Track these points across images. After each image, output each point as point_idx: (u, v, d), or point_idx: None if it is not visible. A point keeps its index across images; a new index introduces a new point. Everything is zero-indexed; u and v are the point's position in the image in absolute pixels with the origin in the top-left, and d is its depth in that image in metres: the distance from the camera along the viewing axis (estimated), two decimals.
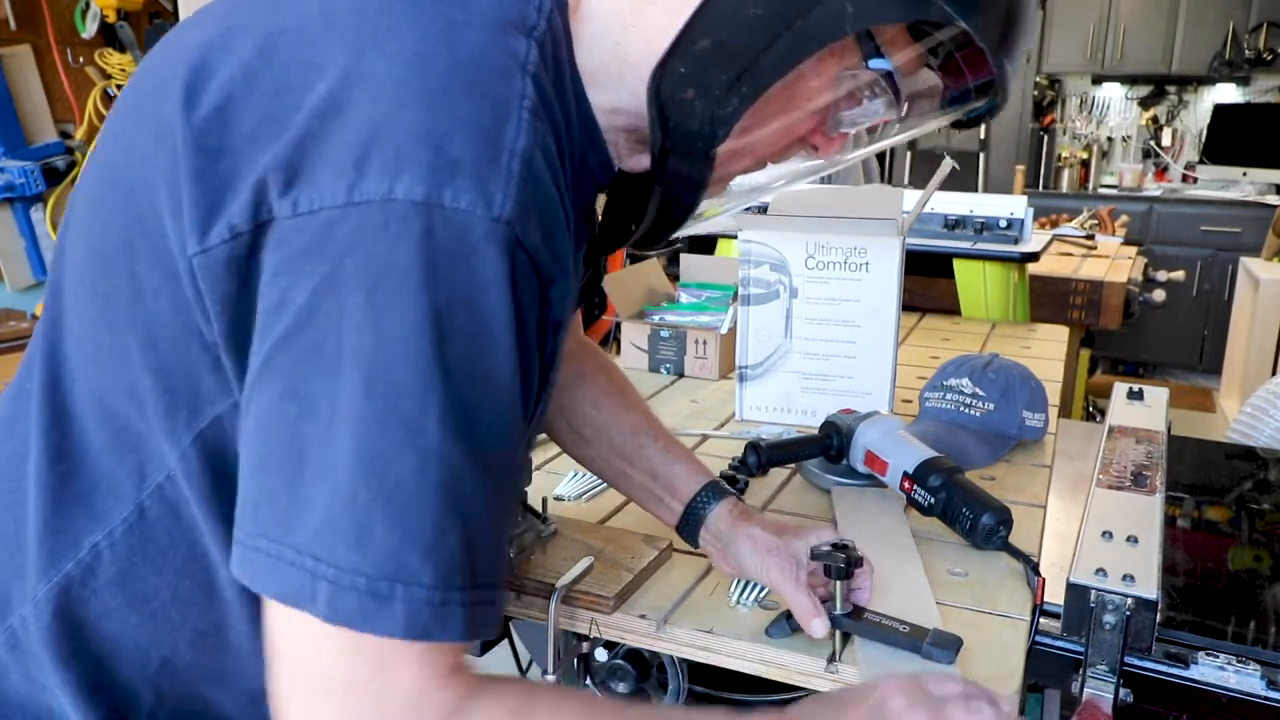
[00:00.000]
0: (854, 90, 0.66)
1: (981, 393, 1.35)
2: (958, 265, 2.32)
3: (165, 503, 0.61)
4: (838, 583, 0.85)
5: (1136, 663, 0.91)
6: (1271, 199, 5.46)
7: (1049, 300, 2.88)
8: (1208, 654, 0.91)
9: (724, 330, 1.73)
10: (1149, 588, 0.88)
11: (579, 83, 0.63)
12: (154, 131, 0.56)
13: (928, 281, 2.35)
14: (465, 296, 0.51)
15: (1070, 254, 3.37)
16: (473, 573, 0.52)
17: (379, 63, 0.52)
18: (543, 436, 1.38)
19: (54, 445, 0.62)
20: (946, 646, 0.82)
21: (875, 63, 0.64)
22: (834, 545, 0.86)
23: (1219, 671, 0.90)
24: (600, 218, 0.75)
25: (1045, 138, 6.06)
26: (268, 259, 0.52)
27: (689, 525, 0.95)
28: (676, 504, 0.96)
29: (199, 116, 0.54)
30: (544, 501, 1.05)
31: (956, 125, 0.73)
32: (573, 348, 1.00)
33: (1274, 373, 3.74)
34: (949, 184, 1.54)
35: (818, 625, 0.83)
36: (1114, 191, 6.00)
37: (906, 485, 1.10)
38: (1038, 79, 5.93)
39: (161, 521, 0.61)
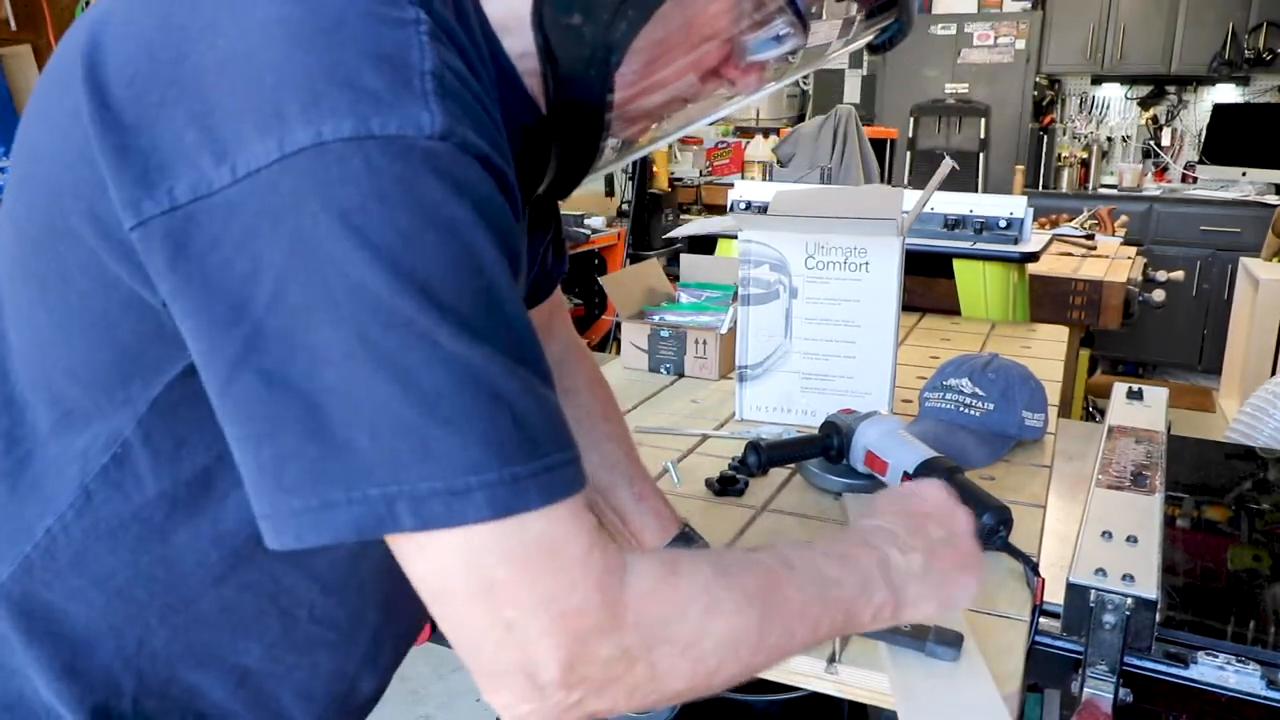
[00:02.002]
0: (754, 13, 0.66)
1: (981, 393, 1.35)
2: (957, 265, 2.32)
3: (111, 484, 0.61)
4: None
5: (1136, 662, 0.91)
6: (1271, 199, 5.46)
7: (1049, 300, 2.88)
8: (1207, 654, 0.91)
9: (724, 330, 1.73)
10: (1149, 587, 0.88)
11: (488, 27, 0.63)
12: (66, 114, 0.55)
13: (927, 281, 2.35)
14: (428, 214, 0.51)
15: (1070, 254, 3.37)
16: (533, 446, 0.53)
17: (270, 11, 0.51)
18: None
19: (6, 433, 0.63)
20: (949, 643, 0.82)
21: None
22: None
23: (1219, 671, 0.90)
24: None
25: (1045, 138, 6.06)
26: (218, 227, 0.51)
27: None
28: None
29: (107, 96, 0.53)
30: None
31: (871, 50, 0.74)
32: (562, 358, 1.01)
33: (1274, 373, 3.74)
34: (949, 184, 1.54)
35: None
36: (1114, 191, 6.00)
37: None
38: (1038, 79, 5.93)
39: (109, 503, 0.61)
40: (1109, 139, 6.28)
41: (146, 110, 0.52)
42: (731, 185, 2.74)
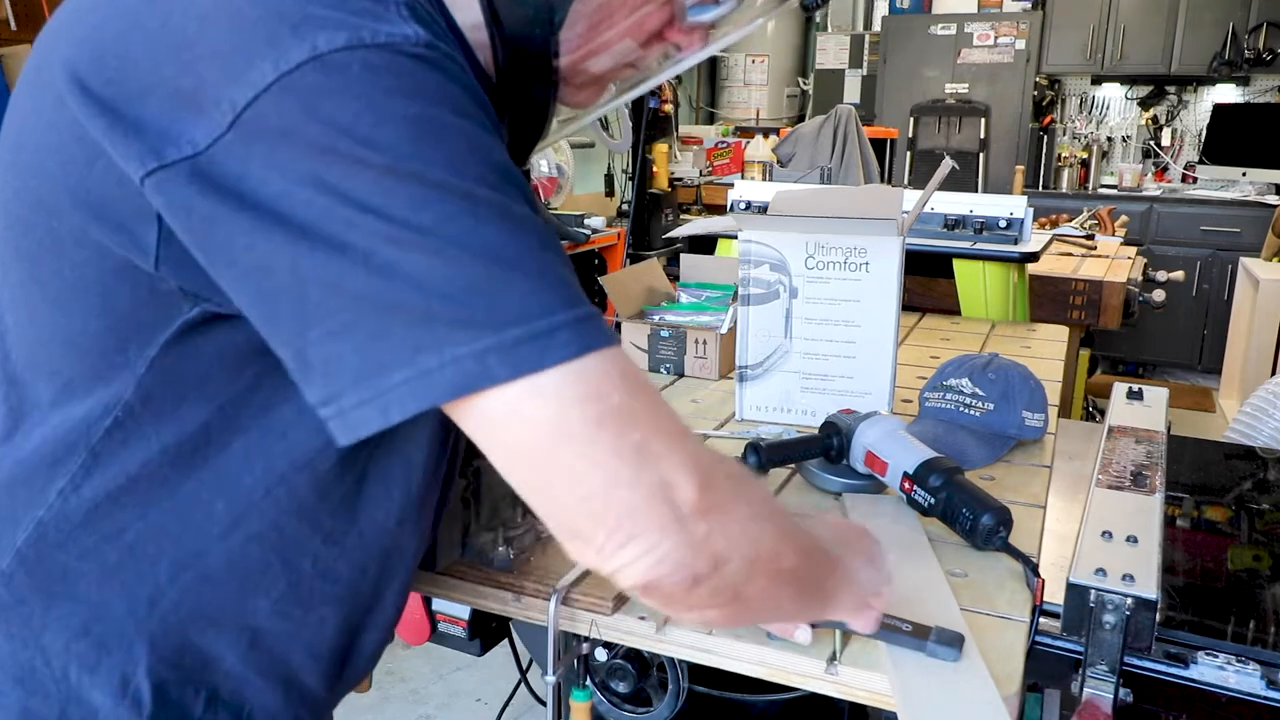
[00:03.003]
0: None
1: (981, 393, 1.35)
2: (957, 265, 2.32)
3: (116, 444, 0.63)
4: None
5: (1136, 662, 0.91)
6: (1271, 199, 5.46)
7: (1049, 300, 2.88)
8: (1207, 654, 0.91)
9: (724, 330, 1.73)
10: (1149, 587, 0.88)
11: (440, 3, 0.64)
12: (49, 99, 0.57)
13: (927, 281, 2.35)
14: (434, 100, 0.54)
15: (1070, 254, 3.37)
16: (580, 293, 0.57)
17: None
18: None
19: (13, 409, 0.65)
20: (950, 644, 0.82)
21: None
22: None
23: (1219, 671, 0.90)
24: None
25: (1045, 138, 6.06)
26: (237, 164, 0.52)
27: None
28: None
29: (95, 72, 0.55)
30: None
31: (804, 8, 0.76)
32: None
33: (1274, 373, 3.74)
34: (949, 184, 1.54)
35: (801, 634, 0.84)
36: (1114, 191, 6.00)
37: (906, 486, 1.10)
38: (1038, 79, 5.93)
39: (116, 462, 0.63)
40: (1109, 139, 6.28)
41: (140, 75, 0.54)
42: (731, 185, 2.74)
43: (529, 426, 0.54)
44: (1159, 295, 3.07)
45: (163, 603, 0.66)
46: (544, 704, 0.94)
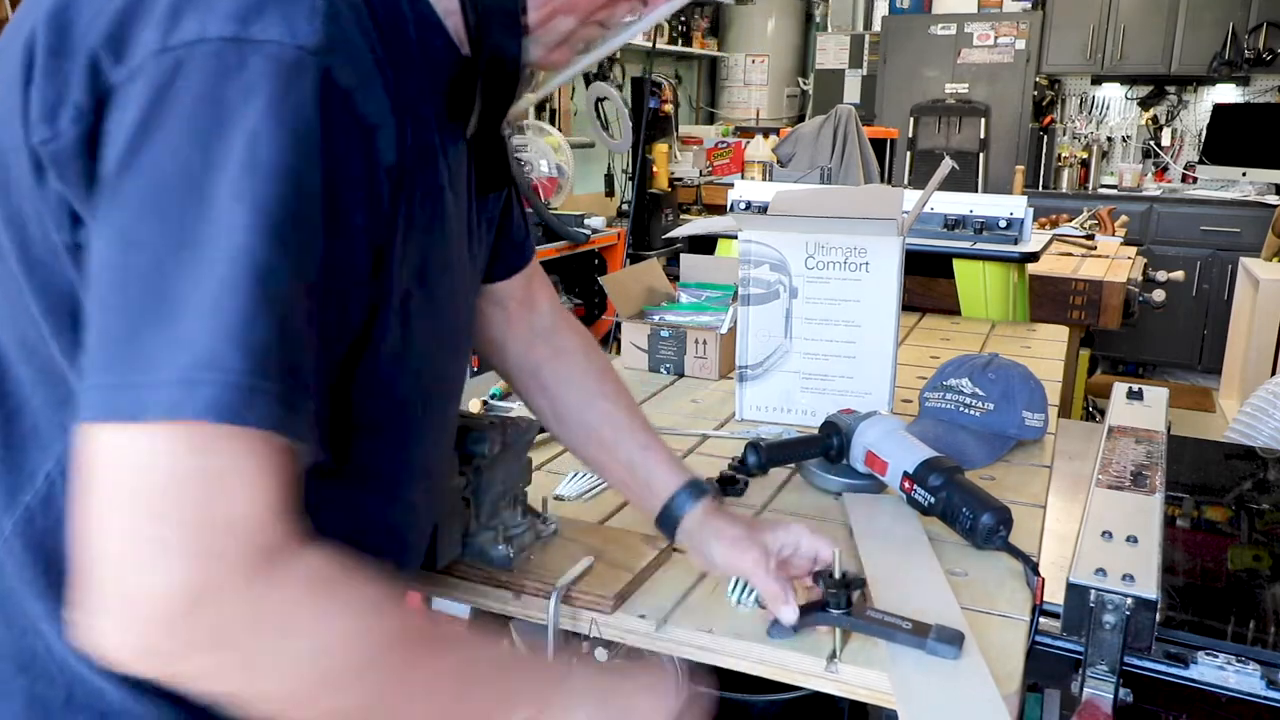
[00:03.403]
0: None
1: (981, 393, 1.35)
2: (957, 265, 2.32)
3: None
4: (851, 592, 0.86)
5: (1136, 662, 0.91)
6: (1271, 199, 5.46)
7: (1049, 300, 2.88)
8: (1207, 654, 0.91)
9: (724, 330, 1.73)
10: (1149, 587, 0.88)
11: None
12: (10, 77, 0.60)
13: (927, 281, 2.35)
14: (276, 117, 0.55)
15: (1070, 254, 3.37)
16: (286, 369, 0.55)
17: None
18: (542, 437, 1.38)
19: (2, 390, 0.65)
20: (950, 642, 0.83)
21: None
22: (831, 575, 0.87)
23: (1219, 671, 0.90)
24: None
25: (1045, 138, 6.06)
26: (113, 120, 0.56)
27: (666, 524, 0.97)
28: (655, 501, 0.97)
29: (50, 30, 0.58)
30: (544, 501, 1.05)
31: None
32: (551, 323, 1.02)
33: (1274, 373, 3.74)
34: (949, 184, 1.54)
35: (787, 613, 0.85)
36: (1114, 191, 6.00)
37: (906, 485, 1.10)
38: (1038, 79, 5.93)
39: None
40: (1109, 139, 6.28)
41: (76, 34, 0.57)
42: (731, 185, 2.74)
43: (106, 469, 0.53)
44: (1159, 295, 3.07)
45: None
46: None
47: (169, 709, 0.65)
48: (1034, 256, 2.29)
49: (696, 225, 2.88)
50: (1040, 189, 6.01)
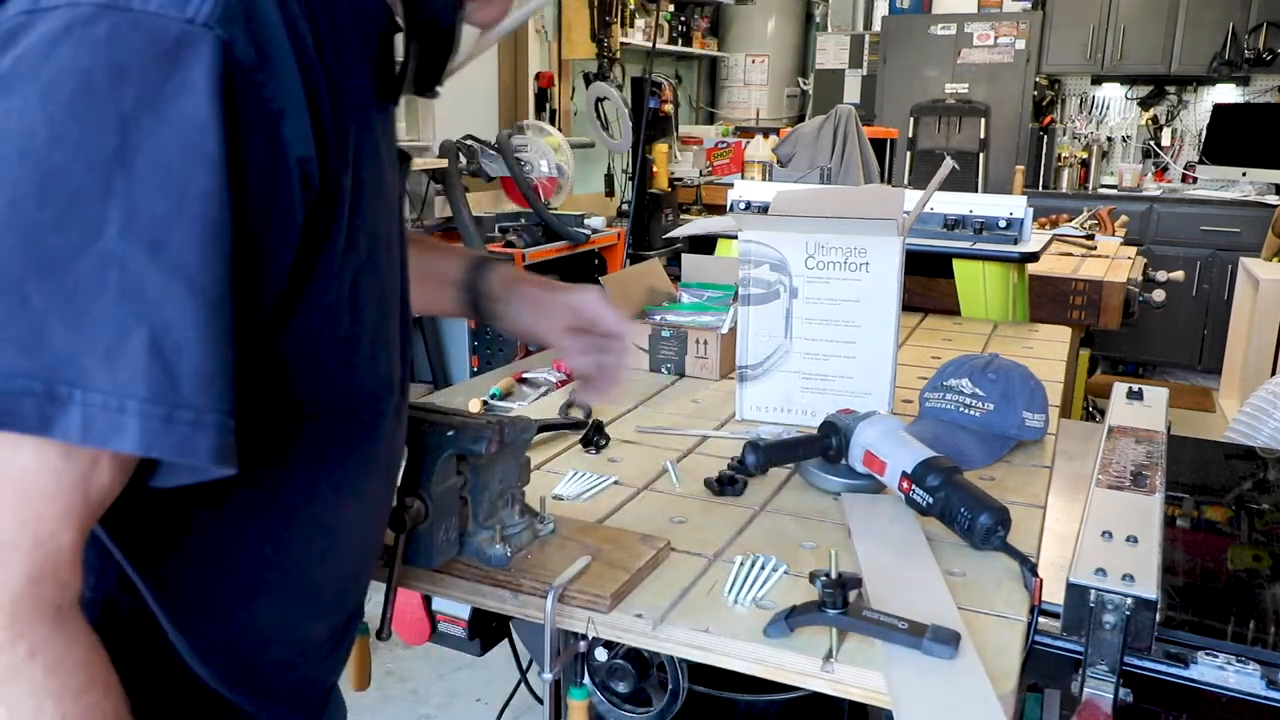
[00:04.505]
0: None
1: (981, 393, 1.35)
2: (957, 265, 2.31)
3: None
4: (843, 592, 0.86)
5: (1136, 662, 0.91)
6: (1271, 199, 5.46)
7: (1049, 300, 2.88)
8: (1207, 654, 0.90)
9: (724, 330, 1.73)
10: (1149, 587, 0.88)
11: None
12: None
13: (927, 281, 2.35)
14: (155, 101, 0.49)
15: (1070, 254, 3.37)
16: (168, 386, 0.50)
17: None
18: (541, 437, 1.38)
19: None
20: (946, 642, 0.82)
21: None
22: (827, 575, 0.87)
23: (1219, 671, 0.89)
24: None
25: (1045, 138, 6.06)
26: None
27: (473, 302, 0.99)
28: (455, 290, 0.99)
29: None
30: (542, 501, 1.05)
31: None
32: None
33: (1274, 373, 3.74)
34: (949, 184, 1.54)
35: (595, 395, 0.99)
36: (1114, 191, 6.00)
37: (905, 485, 1.10)
38: (1038, 79, 5.93)
39: None
40: (1109, 139, 6.27)
41: None
42: (731, 185, 2.74)
43: None
44: (1159, 295, 3.07)
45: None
46: (543, 703, 0.94)
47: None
48: (1034, 256, 2.29)
49: (696, 225, 2.88)
50: (1040, 189, 6.01)
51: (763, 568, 0.99)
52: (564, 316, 0.99)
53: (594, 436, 1.37)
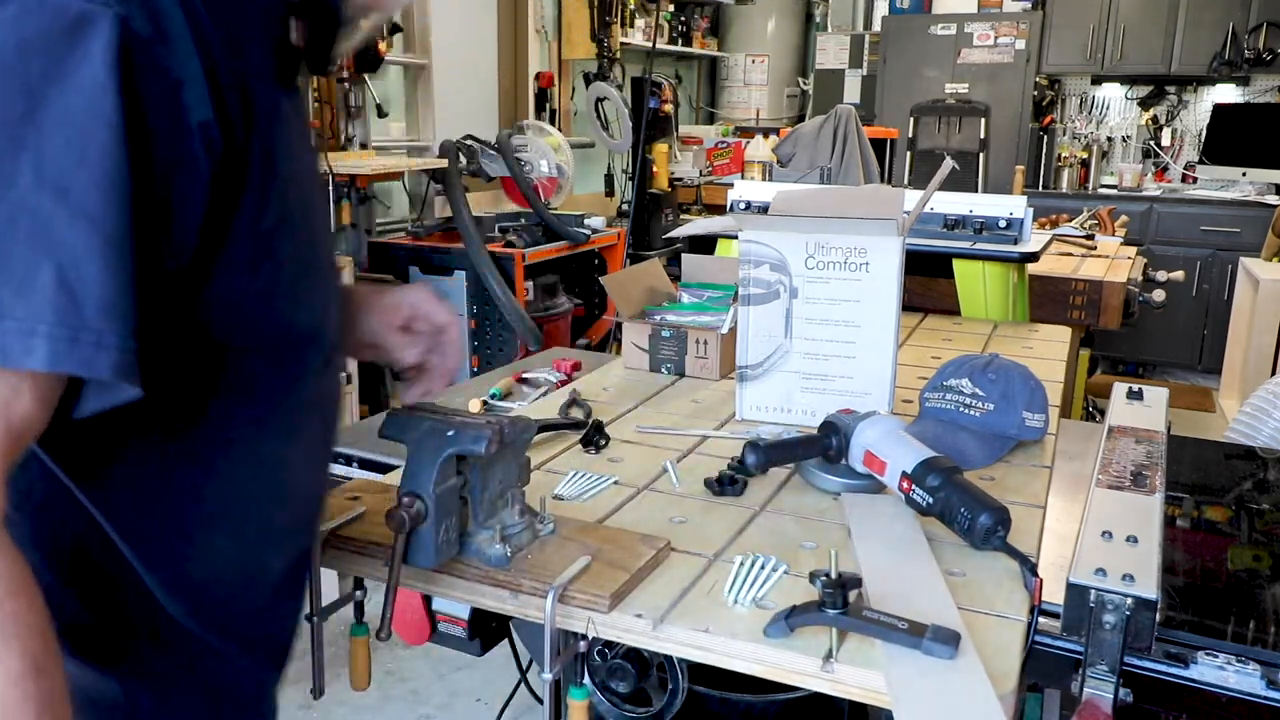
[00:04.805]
0: None
1: (981, 393, 1.35)
2: (957, 265, 2.31)
3: None
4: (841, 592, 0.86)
5: (1136, 662, 0.91)
6: (1271, 199, 5.46)
7: (1049, 300, 2.88)
8: (1207, 654, 0.90)
9: (725, 330, 1.73)
10: (1149, 587, 0.88)
11: None
12: None
13: (927, 281, 2.35)
14: (59, 71, 0.56)
15: (1070, 254, 3.37)
16: (73, 311, 0.57)
17: None
18: (541, 437, 1.38)
19: None
20: (946, 641, 0.82)
21: None
22: (827, 575, 0.87)
23: (1219, 671, 0.89)
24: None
25: (1045, 138, 6.05)
26: None
27: None
28: None
29: None
30: (542, 501, 1.05)
31: None
32: None
33: (1274, 373, 3.74)
34: (949, 184, 1.54)
35: (405, 354, 0.99)
36: (1114, 191, 6.00)
37: (905, 485, 1.10)
38: (1038, 79, 5.93)
39: None
40: (1109, 139, 6.27)
41: None
42: (731, 185, 2.74)
43: None
44: (1159, 295, 3.07)
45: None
46: (543, 703, 0.94)
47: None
48: (1034, 256, 2.29)
49: (696, 225, 2.88)
50: (1040, 189, 6.01)
51: (763, 568, 0.99)
52: (393, 315, 1.00)
53: (594, 436, 1.37)
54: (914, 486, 1.09)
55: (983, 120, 5.63)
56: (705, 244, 2.69)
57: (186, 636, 0.76)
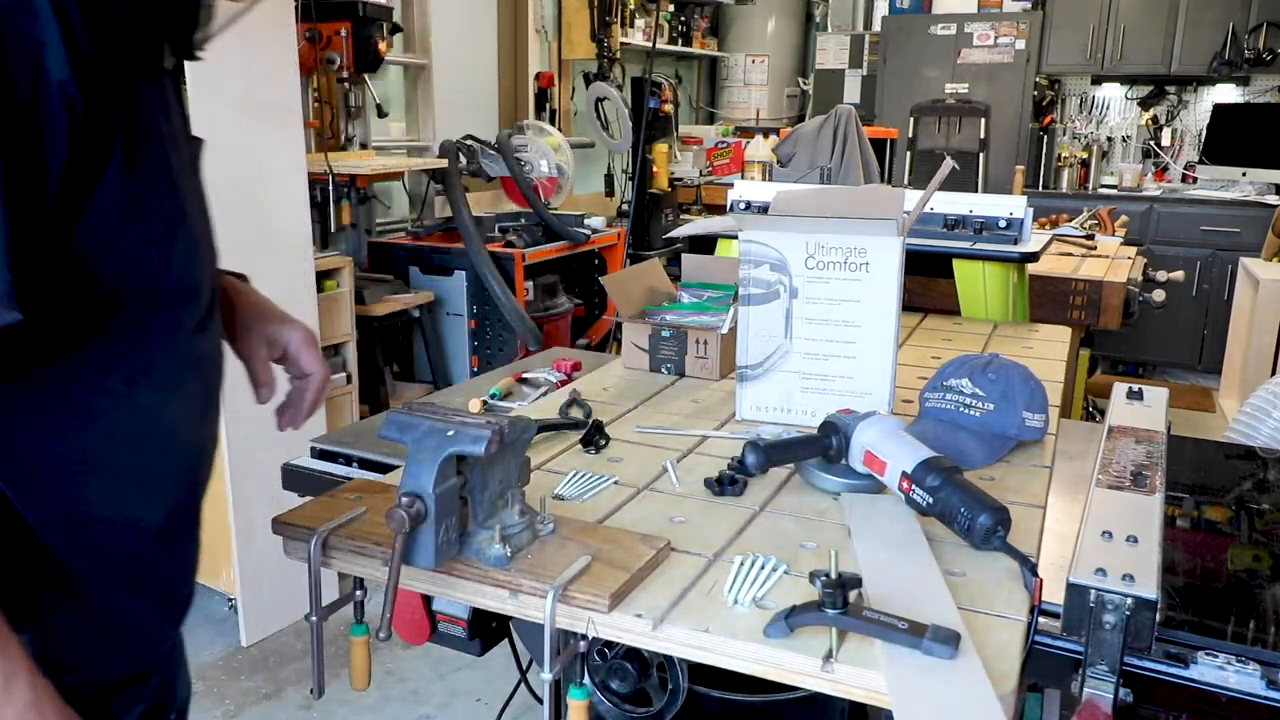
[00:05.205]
0: None
1: (981, 393, 1.35)
2: (957, 265, 2.31)
3: None
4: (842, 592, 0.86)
5: (1136, 662, 0.91)
6: (1271, 199, 5.46)
7: (1049, 300, 2.88)
8: (1207, 654, 0.90)
9: (725, 330, 1.73)
10: (1149, 587, 0.88)
11: None
12: None
13: (927, 281, 2.35)
14: None
15: (1070, 254, 3.37)
16: None
17: None
18: (541, 437, 1.38)
19: None
20: (946, 641, 0.82)
21: None
22: (827, 575, 0.87)
23: (1219, 671, 0.89)
24: None
25: (1045, 138, 6.06)
26: None
27: None
28: None
29: None
30: (542, 501, 1.05)
31: None
32: None
33: (1274, 373, 3.74)
34: (949, 184, 1.54)
35: (264, 393, 1.02)
36: (1114, 191, 6.00)
37: (905, 485, 1.10)
38: (1038, 79, 5.93)
39: None
40: (1109, 139, 6.28)
41: None
42: (731, 185, 2.74)
43: None
44: (1159, 295, 3.08)
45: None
46: (543, 703, 0.94)
47: None
48: (1034, 256, 2.29)
49: (696, 225, 2.88)
50: (1040, 189, 6.01)
51: (763, 568, 0.99)
52: (270, 347, 1.05)
53: (594, 436, 1.37)
54: (914, 486, 1.09)
55: (983, 120, 5.64)
56: (705, 244, 2.69)
57: (78, 579, 0.80)
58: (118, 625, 0.85)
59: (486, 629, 1.29)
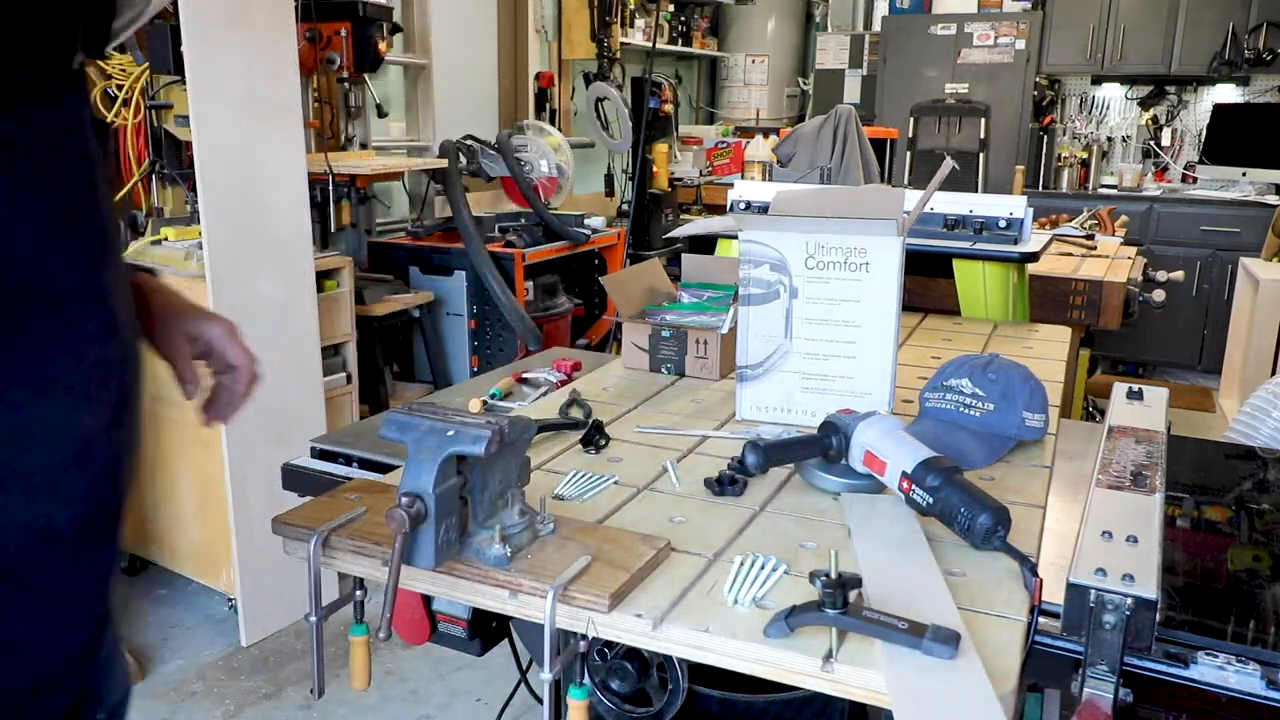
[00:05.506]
0: None
1: (981, 393, 1.35)
2: (957, 265, 2.31)
3: None
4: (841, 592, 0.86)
5: (1136, 662, 0.91)
6: (1271, 199, 5.46)
7: (1049, 300, 2.88)
8: (1207, 654, 0.90)
9: (725, 330, 1.73)
10: (1149, 587, 0.88)
11: None
12: None
13: (927, 282, 2.35)
14: None
15: (1070, 254, 3.37)
16: None
17: None
18: (541, 437, 1.38)
19: None
20: (946, 641, 0.82)
21: None
22: (827, 575, 0.87)
23: (1219, 671, 0.89)
24: None
25: (1045, 138, 6.06)
26: None
27: None
28: None
29: None
30: (542, 501, 1.05)
31: None
32: None
33: (1274, 372, 3.74)
34: (949, 184, 1.54)
35: (190, 389, 0.98)
36: (1114, 191, 6.00)
37: (905, 485, 1.10)
38: (1038, 79, 5.93)
39: None
40: (1109, 139, 6.28)
41: None
42: (731, 185, 2.74)
43: None
44: (1159, 295, 3.08)
45: None
46: (543, 703, 0.94)
47: None
48: (1034, 256, 2.29)
49: (696, 225, 2.88)
50: (1040, 189, 6.02)
51: (763, 568, 0.99)
52: (190, 344, 1.00)
53: (594, 436, 1.37)
54: (914, 486, 1.09)
55: (983, 120, 5.64)
56: (705, 244, 2.69)
57: None
58: (30, 648, 0.80)
59: (486, 629, 1.29)
